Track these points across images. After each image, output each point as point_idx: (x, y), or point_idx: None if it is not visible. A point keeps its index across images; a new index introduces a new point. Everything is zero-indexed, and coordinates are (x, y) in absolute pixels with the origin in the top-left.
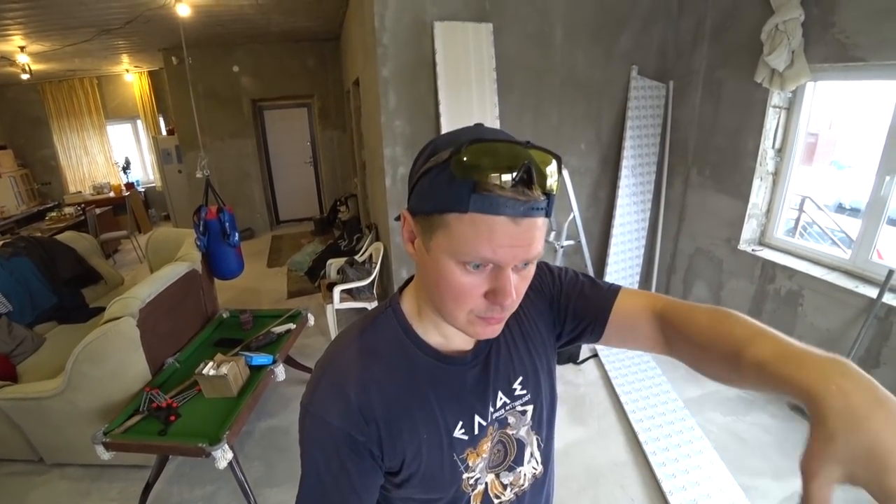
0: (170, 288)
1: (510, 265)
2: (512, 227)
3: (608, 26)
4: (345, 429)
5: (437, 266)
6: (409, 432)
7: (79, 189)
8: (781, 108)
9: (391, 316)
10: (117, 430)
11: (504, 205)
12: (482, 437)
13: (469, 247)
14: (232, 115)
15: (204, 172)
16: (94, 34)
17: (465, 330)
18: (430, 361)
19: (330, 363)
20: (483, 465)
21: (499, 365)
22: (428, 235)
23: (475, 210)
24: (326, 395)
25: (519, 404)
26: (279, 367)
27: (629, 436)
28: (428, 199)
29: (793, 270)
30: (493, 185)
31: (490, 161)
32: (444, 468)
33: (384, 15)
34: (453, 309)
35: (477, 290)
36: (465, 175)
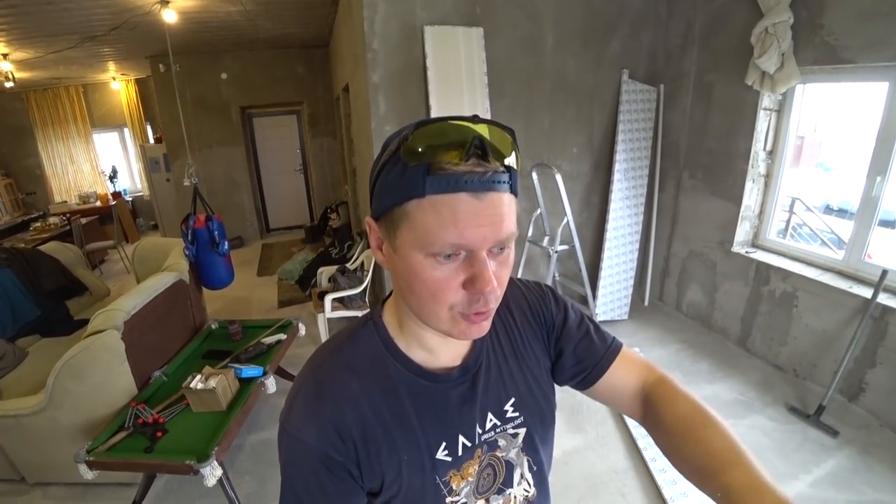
0: (156, 299)
1: (482, 248)
2: (475, 204)
3: (598, 31)
4: (321, 448)
5: (407, 265)
6: (388, 452)
7: (64, 198)
8: (772, 110)
9: (372, 330)
10: (101, 447)
11: (461, 180)
12: (467, 458)
13: (434, 234)
14: (220, 123)
15: (192, 180)
16: (79, 41)
17: (450, 332)
18: (412, 378)
19: (305, 380)
20: (469, 490)
21: (489, 384)
22: (393, 234)
23: (432, 192)
24: (302, 413)
25: (511, 427)
26: (270, 378)
27: (628, 442)
28: (386, 195)
29: (787, 272)
30: (447, 162)
31: (439, 140)
32: (427, 491)
33: (374, 20)
34: (433, 308)
35: (453, 282)
36: (416, 160)
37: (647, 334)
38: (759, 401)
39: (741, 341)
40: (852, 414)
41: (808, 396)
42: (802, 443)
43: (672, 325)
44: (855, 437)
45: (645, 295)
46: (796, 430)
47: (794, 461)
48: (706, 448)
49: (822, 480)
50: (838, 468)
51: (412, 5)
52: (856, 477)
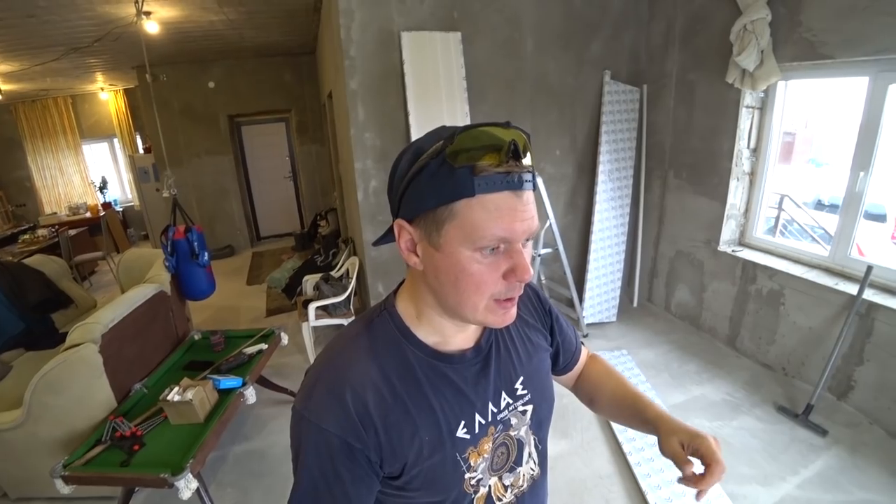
0: (136, 311)
1: (520, 240)
2: (515, 201)
3: (579, 33)
4: (341, 436)
5: (453, 261)
6: (409, 435)
7: (55, 210)
8: (754, 108)
9: (387, 318)
10: (78, 461)
11: (504, 181)
12: (483, 435)
13: (484, 229)
14: (209, 132)
15: (171, 191)
16: (63, 53)
17: (484, 320)
18: (428, 360)
19: (325, 367)
20: (485, 466)
21: (500, 364)
22: (436, 233)
23: (481, 191)
24: (322, 400)
25: (521, 404)
26: (249, 389)
27: (613, 447)
28: (430, 196)
29: (773, 270)
30: (490, 165)
31: (481, 144)
32: (447, 469)
33: (350, 27)
34: (475, 300)
35: (496, 273)
36: (462, 162)
37: (636, 336)
38: (747, 401)
39: (730, 341)
40: (841, 412)
41: (796, 395)
42: (791, 443)
43: (661, 325)
44: (844, 435)
45: (634, 296)
46: (784, 430)
47: (783, 462)
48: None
49: (809, 481)
50: (826, 468)
51: (389, 11)
52: (844, 477)
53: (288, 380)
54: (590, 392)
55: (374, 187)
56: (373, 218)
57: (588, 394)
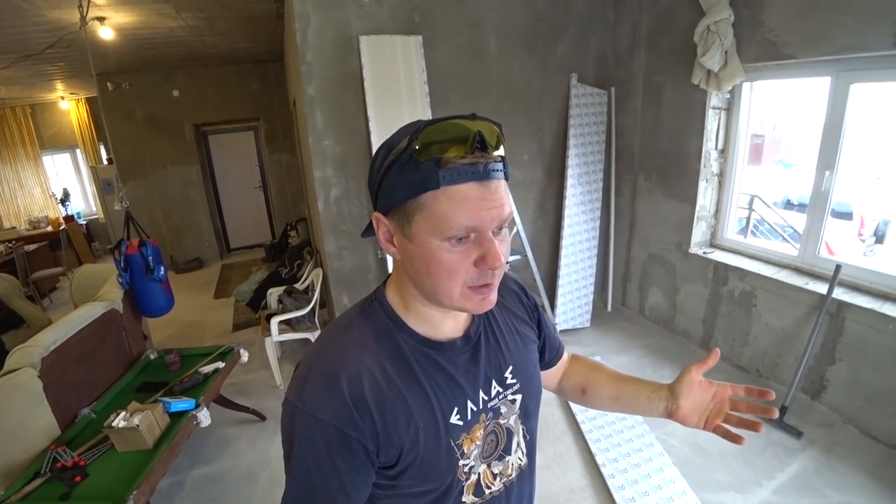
0: (82, 331)
1: (489, 228)
2: (482, 190)
3: (543, 35)
4: (337, 425)
5: (423, 250)
6: (405, 421)
7: (13, 224)
8: (720, 108)
9: (378, 308)
10: (13, 497)
11: (469, 171)
12: (475, 422)
13: (450, 220)
14: (174, 142)
15: (123, 204)
16: (15, 60)
17: (462, 307)
18: (420, 348)
19: (318, 357)
20: (477, 453)
21: (489, 353)
22: (407, 225)
23: (446, 183)
24: (317, 390)
25: (510, 393)
26: (203, 411)
27: (586, 458)
28: (399, 190)
29: (744, 271)
30: (454, 157)
31: (446, 137)
32: (441, 455)
33: (306, 31)
34: (449, 287)
35: (466, 261)
36: (427, 156)
37: (610, 341)
38: None
39: (703, 343)
40: (815, 412)
41: None
42: (766, 446)
43: (635, 330)
44: (818, 436)
45: (607, 300)
46: (760, 435)
47: (758, 467)
48: None
49: (786, 486)
50: (802, 471)
51: (347, 15)
52: (819, 480)
53: (252, 398)
54: (582, 383)
55: (335, 196)
56: (335, 227)
57: (579, 385)
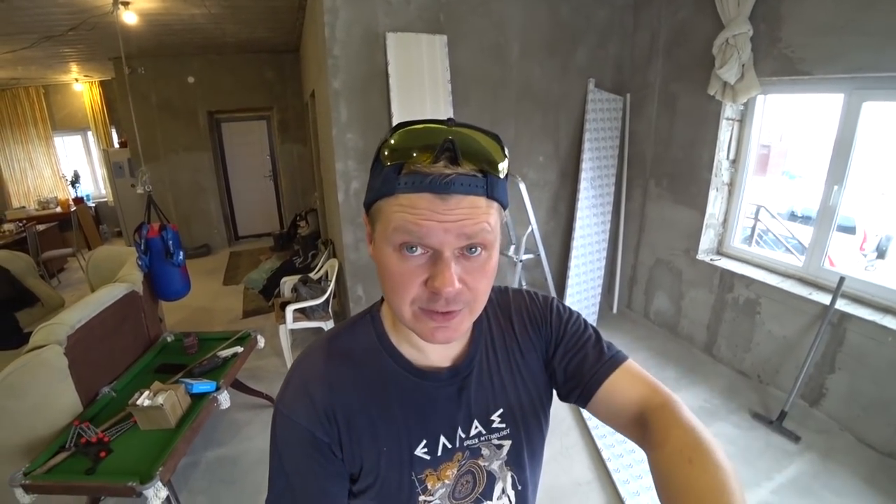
0: (105, 312)
1: (446, 247)
2: (438, 203)
3: (564, 41)
4: (310, 429)
5: (379, 256)
6: (369, 441)
7: (23, 204)
8: (734, 120)
9: (369, 322)
10: (39, 469)
11: (426, 180)
12: (446, 460)
13: (397, 225)
14: (187, 128)
15: (146, 188)
16: (36, 41)
17: (414, 328)
18: (401, 372)
19: (302, 363)
20: (445, 492)
21: (478, 391)
22: (373, 228)
23: (401, 190)
24: (294, 394)
25: (496, 437)
26: (223, 393)
27: (593, 454)
28: (370, 192)
29: (750, 279)
30: (418, 163)
31: (414, 142)
32: (402, 486)
33: (335, 25)
34: (398, 302)
35: (415, 277)
36: (392, 160)
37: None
38: (723, 408)
39: (707, 348)
40: (814, 419)
41: (771, 402)
42: (765, 449)
43: (640, 332)
44: (816, 441)
45: (613, 303)
46: (759, 436)
47: (758, 468)
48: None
49: (784, 487)
50: (800, 474)
51: (374, 11)
52: (817, 482)
53: (263, 383)
54: None
55: (355, 189)
56: (353, 220)
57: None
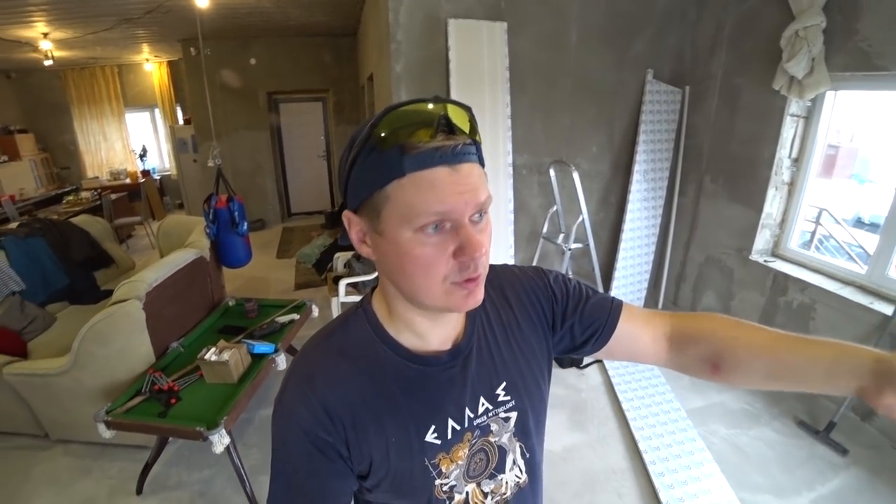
0: (177, 273)
1: (465, 215)
2: (452, 174)
3: (623, 29)
4: (312, 429)
5: (396, 245)
6: (375, 434)
7: (96, 174)
8: (799, 116)
9: (362, 316)
10: (119, 409)
11: (436, 155)
12: (457, 442)
13: (419, 207)
14: (248, 107)
15: (216, 162)
16: (115, 23)
17: (447, 305)
18: (401, 361)
19: (298, 363)
20: (459, 473)
21: (480, 368)
22: (376, 220)
23: (411, 169)
24: (293, 395)
25: (502, 410)
26: (280, 356)
27: (629, 444)
28: (365, 183)
29: (805, 283)
30: (419, 142)
31: (407, 121)
32: (415, 473)
33: (398, 10)
34: (427, 285)
35: (443, 253)
36: (389, 144)
37: None
38: (766, 412)
39: None
40: (864, 433)
41: (818, 412)
42: (808, 459)
43: None
44: (864, 457)
45: (659, 298)
46: (803, 445)
47: (798, 477)
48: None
49: (825, 498)
50: (843, 487)
51: None
52: (861, 498)
53: None
54: (712, 356)
55: None
56: None
57: (708, 359)
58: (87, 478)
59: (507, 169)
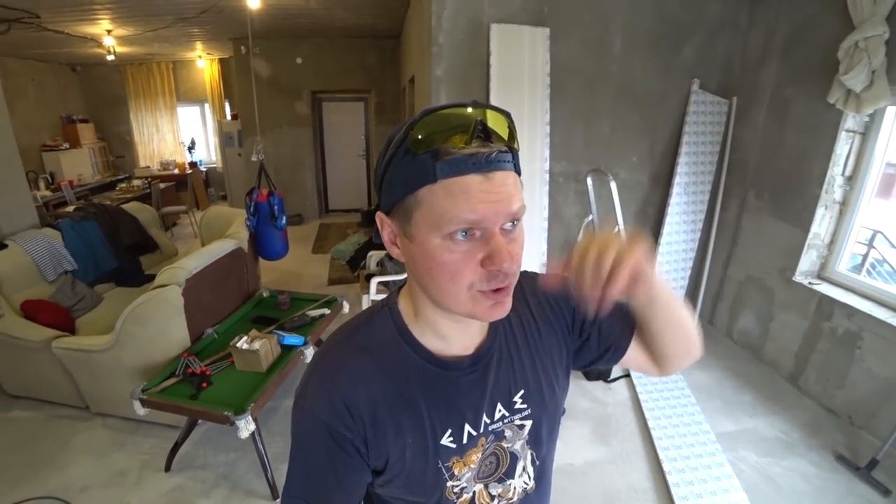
0: (216, 262)
1: (496, 224)
2: (485, 182)
3: (670, 37)
4: (332, 424)
5: (424, 250)
6: (393, 434)
7: (147, 164)
8: (856, 132)
9: (387, 315)
10: (154, 388)
11: (469, 162)
12: (471, 447)
13: (450, 213)
14: (292, 105)
15: (259, 156)
16: (172, 21)
17: (473, 313)
18: (423, 364)
19: (322, 358)
20: (471, 475)
21: (499, 375)
22: (407, 223)
23: (443, 176)
24: (316, 389)
25: (518, 418)
26: (309, 348)
27: (653, 463)
28: (398, 186)
29: (853, 309)
30: (454, 147)
31: (443, 126)
32: (428, 474)
33: (441, 14)
34: (453, 291)
35: (471, 261)
36: (424, 147)
37: None
38: (803, 443)
39: (792, 377)
40: None
41: (861, 447)
42: (846, 496)
43: (719, 350)
44: None
45: (694, 316)
46: (841, 481)
47: None
48: None
49: None
50: None
51: (480, 2)
52: None
53: None
54: None
55: None
56: None
57: None
58: (122, 451)
59: (544, 176)
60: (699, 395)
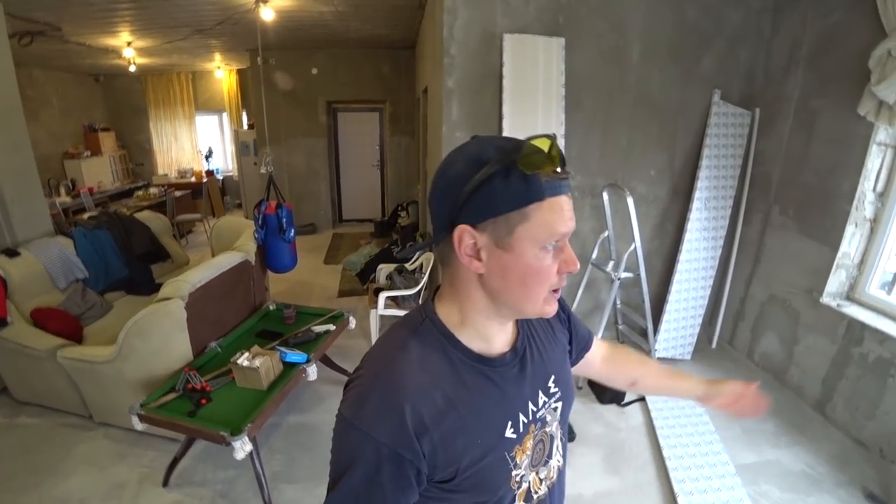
0: (222, 275)
1: (567, 237)
2: (567, 203)
3: (690, 45)
4: (393, 447)
5: (523, 260)
6: (464, 441)
7: (166, 172)
8: (888, 146)
9: (430, 327)
10: (152, 404)
11: (561, 186)
12: (526, 433)
13: (553, 228)
14: (307, 115)
15: (268, 169)
16: (190, 33)
17: (541, 311)
18: (475, 365)
19: (378, 377)
20: (528, 462)
21: (534, 365)
22: (508, 235)
23: (549, 194)
24: (376, 410)
25: (553, 401)
26: (312, 366)
27: (667, 496)
28: (502, 201)
29: (886, 335)
30: (552, 172)
31: (545, 153)
32: (498, 468)
33: (454, 25)
34: (538, 293)
35: (554, 266)
36: (534, 169)
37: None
38: (830, 478)
39: (819, 405)
40: None
41: (893, 484)
42: None
43: (740, 373)
44: None
45: (714, 336)
46: None
47: None
48: None
49: None
50: None
51: (493, 13)
52: None
53: (348, 361)
54: (635, 377)
55: None
56: None
57: (632, 378)
58: (122, 463)
59: None
60: (717, 422)
